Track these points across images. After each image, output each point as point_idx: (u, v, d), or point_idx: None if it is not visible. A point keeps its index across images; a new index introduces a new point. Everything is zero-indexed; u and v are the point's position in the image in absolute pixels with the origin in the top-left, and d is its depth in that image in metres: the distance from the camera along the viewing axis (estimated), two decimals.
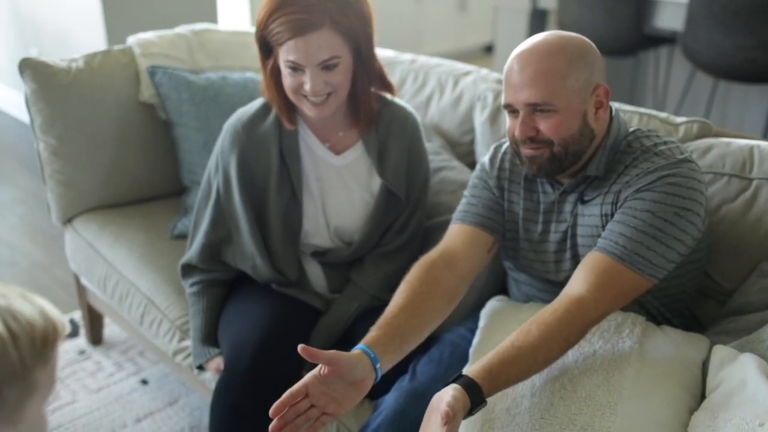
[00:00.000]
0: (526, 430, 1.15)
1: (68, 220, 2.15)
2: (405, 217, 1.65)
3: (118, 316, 2.11)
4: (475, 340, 1.42)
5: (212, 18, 3.56)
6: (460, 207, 1.47)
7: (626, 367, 1.22)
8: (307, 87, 1.47)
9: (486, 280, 1.60)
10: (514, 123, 1.28)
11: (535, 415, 1.17)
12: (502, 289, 1.63)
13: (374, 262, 1.64)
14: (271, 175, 1.60)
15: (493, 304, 1.51)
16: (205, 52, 2.23)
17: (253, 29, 2.35)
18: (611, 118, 1.33)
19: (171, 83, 2.02)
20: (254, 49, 2.26)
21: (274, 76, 1.55)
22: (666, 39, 3.35)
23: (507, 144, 1.42)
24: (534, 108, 1.24)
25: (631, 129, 1.36)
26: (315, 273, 1.68)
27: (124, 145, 2.09)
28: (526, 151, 1.28)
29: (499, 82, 1.87)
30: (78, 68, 2.06)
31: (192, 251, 1.69)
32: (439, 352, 1.46)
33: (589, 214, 1.33)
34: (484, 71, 1.92)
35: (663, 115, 1.61)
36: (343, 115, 1.62)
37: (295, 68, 1.47)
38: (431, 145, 1.84)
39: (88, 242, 2.07)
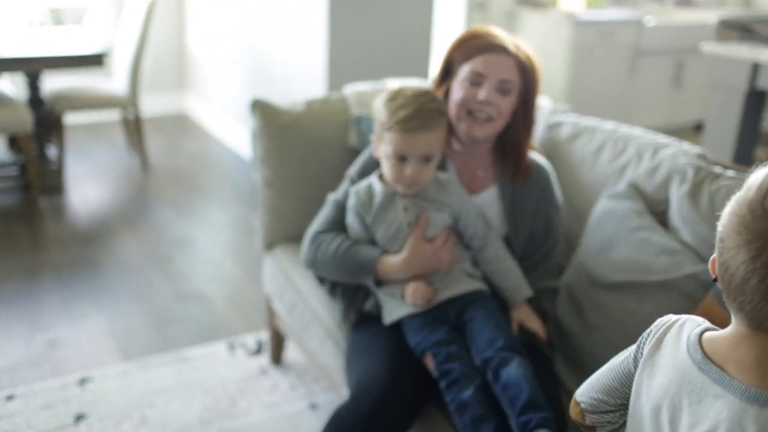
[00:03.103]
0: None
1: (270, 247, 2.35)
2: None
3: (300, 342, 2.25)
4: None
5: (423, 73, 3.74)
6: None
7: None
8: (482, 95, 1.66)
9: None
10: None
11: None
12: None
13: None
14: None
15: None
16: None
17: None
18: None
19: (372, 131, 2.15)
20: None
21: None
22: None
23: None
24: None
25: None
26: None
27: (328, 184, 2.24)
28: None
29: (701, 157, 1.80)
30: (299, 111, 2.29)
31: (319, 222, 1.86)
32: None
33: None
34: (685, 145, 1.86)
35: None
36: (487, 152, 1.79)
37: (475, 82, 1.68)
38: (634, 204, 1.82)
39: (284, 270, 2.24)
